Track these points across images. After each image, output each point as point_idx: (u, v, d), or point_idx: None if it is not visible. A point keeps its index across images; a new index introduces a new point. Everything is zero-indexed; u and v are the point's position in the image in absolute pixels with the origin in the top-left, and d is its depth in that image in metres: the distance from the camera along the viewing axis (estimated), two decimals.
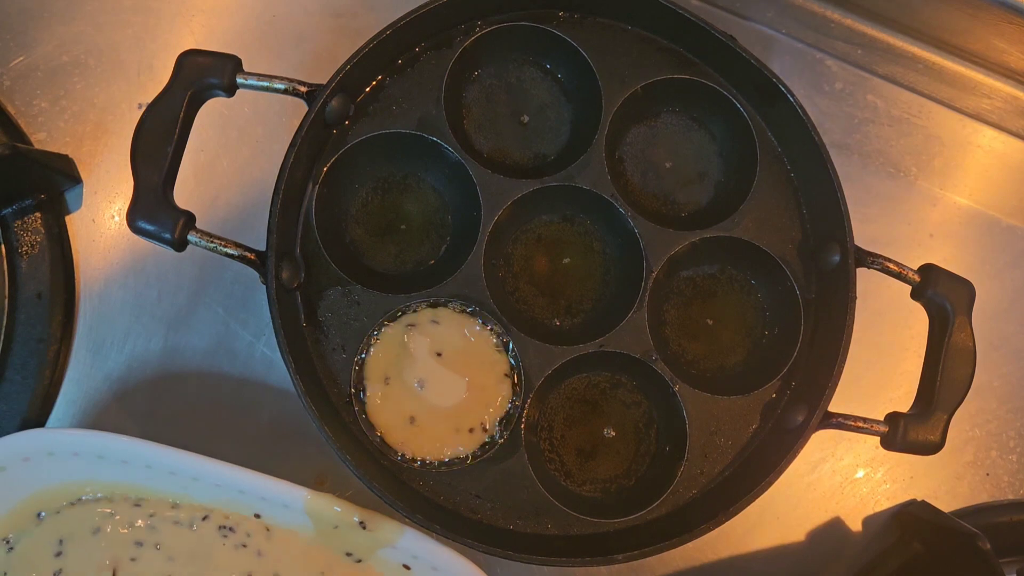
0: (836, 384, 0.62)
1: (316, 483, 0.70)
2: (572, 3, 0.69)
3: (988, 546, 0.64)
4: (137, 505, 0.66)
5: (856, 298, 0.64)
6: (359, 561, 0.65)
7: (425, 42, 0.68)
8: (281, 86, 0.62)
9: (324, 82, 0.63)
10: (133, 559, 0.66)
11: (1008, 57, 0.77)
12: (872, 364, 0.74)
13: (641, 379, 0.67)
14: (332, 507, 0.63)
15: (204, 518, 0.66)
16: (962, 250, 0.78)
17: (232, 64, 0.62)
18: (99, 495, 0.66)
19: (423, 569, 0.64)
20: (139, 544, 0.66)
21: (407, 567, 0.64)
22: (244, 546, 0.66)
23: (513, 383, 0.64)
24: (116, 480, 0.65)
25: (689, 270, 0.69)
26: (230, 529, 0.66)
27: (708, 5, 0.79)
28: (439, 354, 0.64)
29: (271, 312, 0.61)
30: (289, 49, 0.76)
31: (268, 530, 0.66)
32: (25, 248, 0.71)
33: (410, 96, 0.67)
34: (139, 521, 0.66)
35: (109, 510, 0.66)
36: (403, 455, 0.63)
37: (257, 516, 0.65)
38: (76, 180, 0.73)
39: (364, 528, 0.63)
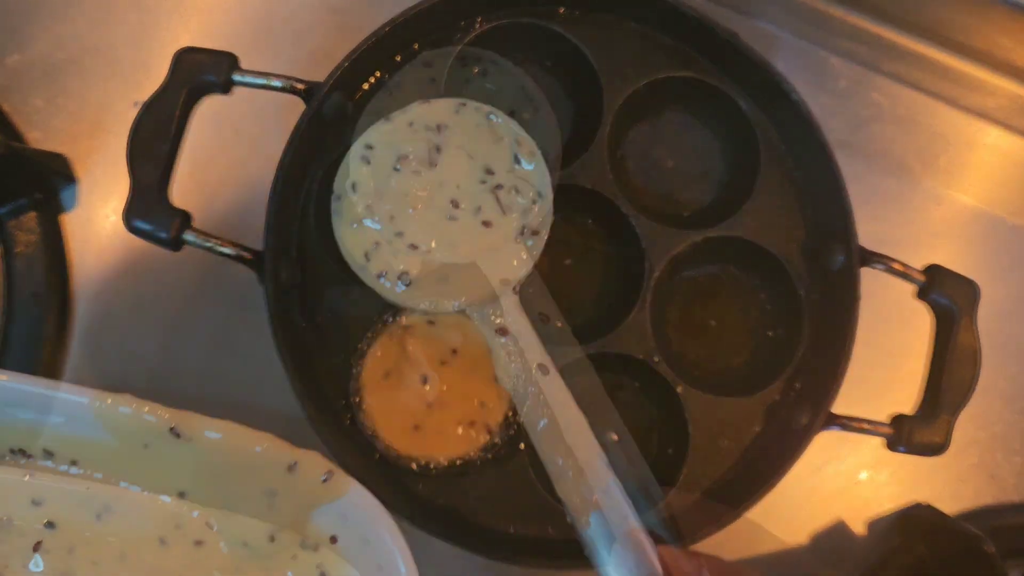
0: (840, 385, 0.62)
1: None
2: (573, 0, 0.68)
3: (993, 549, 0.64)
4: None
5: (860, 298, 0.63)
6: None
7: (424, 39, 0.67)
8: (278, 84, 0.62)
9: (322, 80, 0.62)
10: None
11: (1014, 55, 0.77)
12: (876, 365, 0.74)
13: (643, 380, 0.66)
14: (121, 410, 0.49)
15: None
16: (967, 250, 0.78)
17: (229, 62, 0.61)
18: None
19: (351, 540, 0.53)
20: None
21: (334, 539, 0.54)
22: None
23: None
24: None
25: (691, 270, 0.68)
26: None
27: (711, 2, 0.79)
28: (439, 356, 0.64)
29: (268, 312, 0.60)
30: (286, 46, 0.76)
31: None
32: (20, 248, 0.70)
33: (408, 94, 0.67)
34: None
35: None
36: (403, 457, 0.63)
37: (48, 452, 0.53)
38: (71, 179, 0.73)
39: (178, 436, 0.51)
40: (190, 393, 0.71)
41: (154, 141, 0.60)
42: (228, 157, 0.74)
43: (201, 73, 0.61)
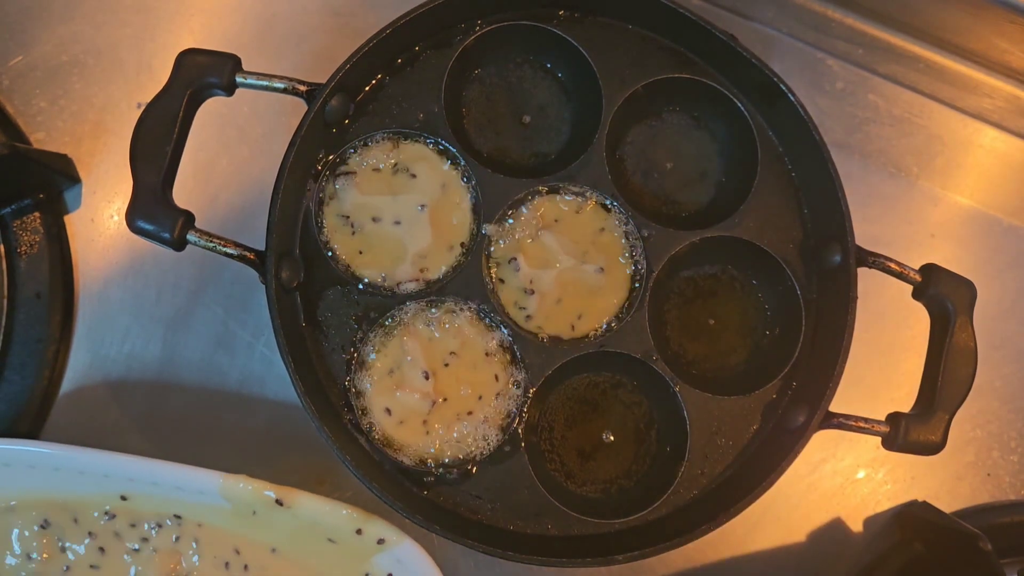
0: (837, 384, 0.62)
1: (316, 483, 0.70)
2: (572, 2, 0.69)
3: (989, 547, 0.64)
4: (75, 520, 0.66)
5: (857, 298, 0.63)
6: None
7: (425, 41, 0.68)
8: (280, 85, 0.62)
9: (324, 81, 0.63)
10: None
11: (1010, 56, 0.77)
12: (873, 364, 0.74)
13: (642, 379, 0.67)
14: (241, 486, 0.62)
15: (132, 525, 0.66)
16: (963, 250, 0.78)
17: (231, 63, 0.61)
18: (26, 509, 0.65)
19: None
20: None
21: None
22: (176, 545, 0.66)
23: (512, 379, 0.64)
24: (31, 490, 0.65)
25: (690, 270, 0.69)
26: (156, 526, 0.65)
27: (709, 4, 0.79)
28: (440, 357, 0.64)
29: (270, 312, 0.60)
30: (288, 48, 0.76)
31: (200, 526, 0.65)
32: (24, 248, 0.70)
33: (410, 95, 0.67)
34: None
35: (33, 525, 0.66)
36: (403, 455, 0.63)
37: (177, 517, 0.65)
38: (75, 180, 0.73)
39: (280, 505, 0.62)
40: (192, 392, 0.71)
41: (157, 142, 0.60)
42: (231, 158, 0.74)
43: (204, 75, 0.61)
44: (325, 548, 0.64)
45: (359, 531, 0.63)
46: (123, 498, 0.65)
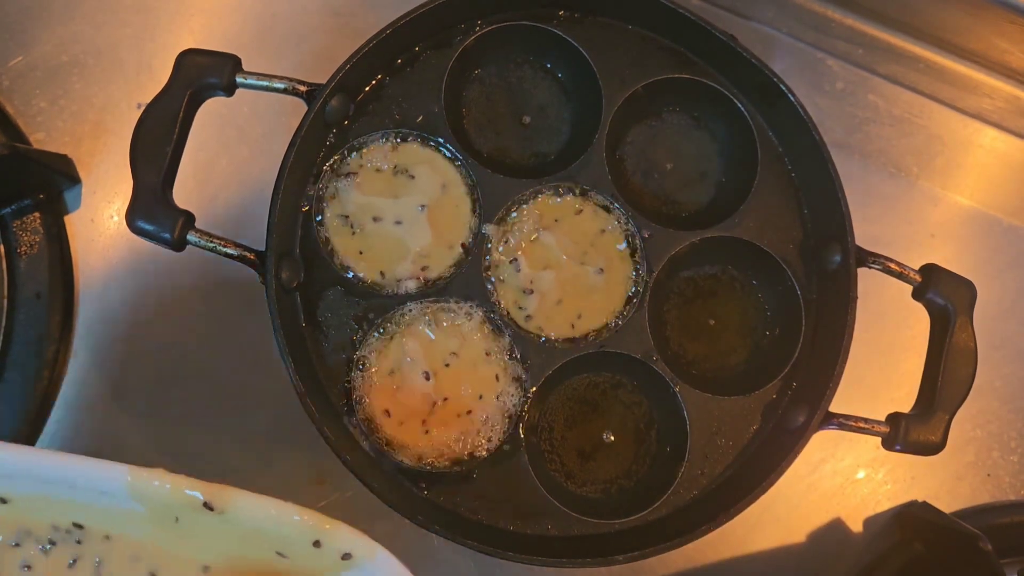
0: (837, 384, 0.62)
1: (315, 483, 0.70)
2: (572, 2, 0.69)
3: (989, 547, 0.64)
4: None
5: (857, 298, 0.63)
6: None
7: (425, 41, 0.68)
8: (280, 85, 0.62)
9: (324, 81, 0.63)
10: None
11: (1009, 57, 0.77)
12: (873, 364, 0.74)
13: (642, 379, 0.67)
14: (155, 483, 0.46)
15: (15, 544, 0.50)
16: (963, 250, 0.78)
17: (231, 63, 0.61)
18: None
19: None
20: None
21: None
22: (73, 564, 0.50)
23: (515, 378, 0.64)
24: None
25: (690, 270, 0.69)
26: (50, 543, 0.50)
27: (709, 4, 0.79)
28: (440, 358, 0.64)
29: (270, 312, 0.60)
30: (288, 48, 0.76)
31: (107, 539, 0.50)
32: (24, 248, 0.70)
33: (410, 96, 0.67)
34: None
35: None
36: (404, 455, 0.63)
37: (78, 527, 0.50)
38: (75, 180, 0.73)
39: (211, 510, 0.47)
40: (192, 393, 0.71)
41: (157, 142, 0.60)
42: (231, 158, 0.74)
43: (204, 75, 0.61)
44: (273, 565, 0.50)
45: (317, 543, 0.48)
46: (2, 500, 0.50)
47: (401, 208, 0.65)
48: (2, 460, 0.48)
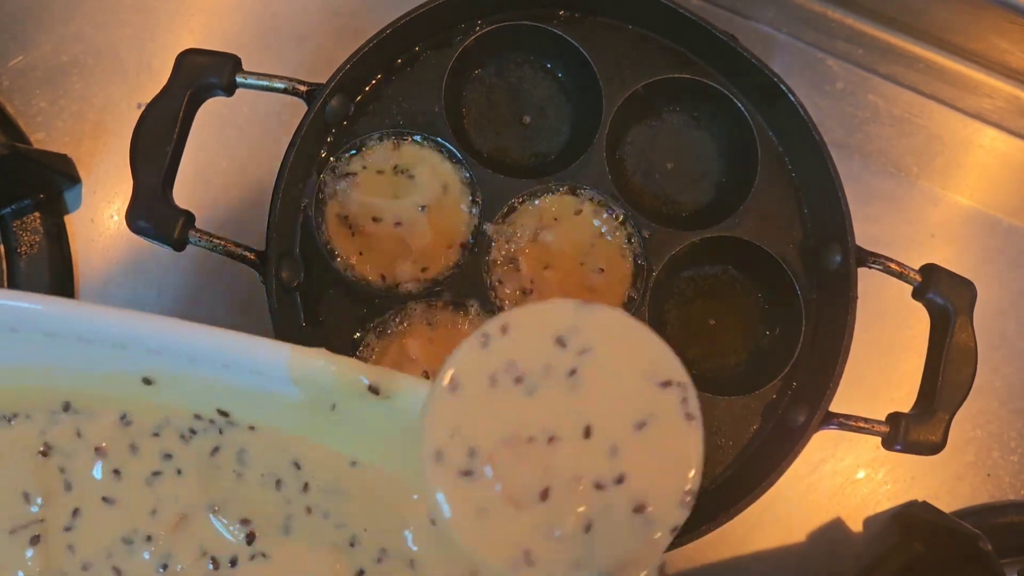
0: (837, 384, 0.62)
1: None
2: (572, 2, 0.69)
3: (989, 547, 0.64)
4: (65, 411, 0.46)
5: (857, 298, 0.63)
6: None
7: (425, 41, 0.68)
8: (281, 85, 0.62)
9: (324, 81, 0.63)
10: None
11: (1009, 57, 0.77)
12: (873, 364, 0.74)
13: None
14: (320, 363, 0.42)
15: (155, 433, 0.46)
16: (963, 250, 0.78)
17: (231, 63, 0.61)
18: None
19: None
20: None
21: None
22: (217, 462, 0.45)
23: None
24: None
25: (690, 270, 0.69)
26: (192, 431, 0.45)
27: (709, 4, 0.79)
28: (440, 358, 0.64)
29: (271, 313, 0.60)
30: (289, 48, 0.76)
31: (252, 430, 0.46)
32: (24, 248, 0.70)
33: (410, 96, 0.67)
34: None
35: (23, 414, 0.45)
36: None
37: (223, 414, 0.46)
38: (75, 180, 0.73)
39: (376, 394, 0.43)
40: None
41: (157, 142, 0.60)
42: (231, 158, 0.74)
43: (204, 75, 0.61)
44: None
45: None
46: (146, 381, 0.46)
47: (401, 208, 0.65)
48: (152, 333, 0.44)
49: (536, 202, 0.66)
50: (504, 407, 0.41)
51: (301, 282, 0.65)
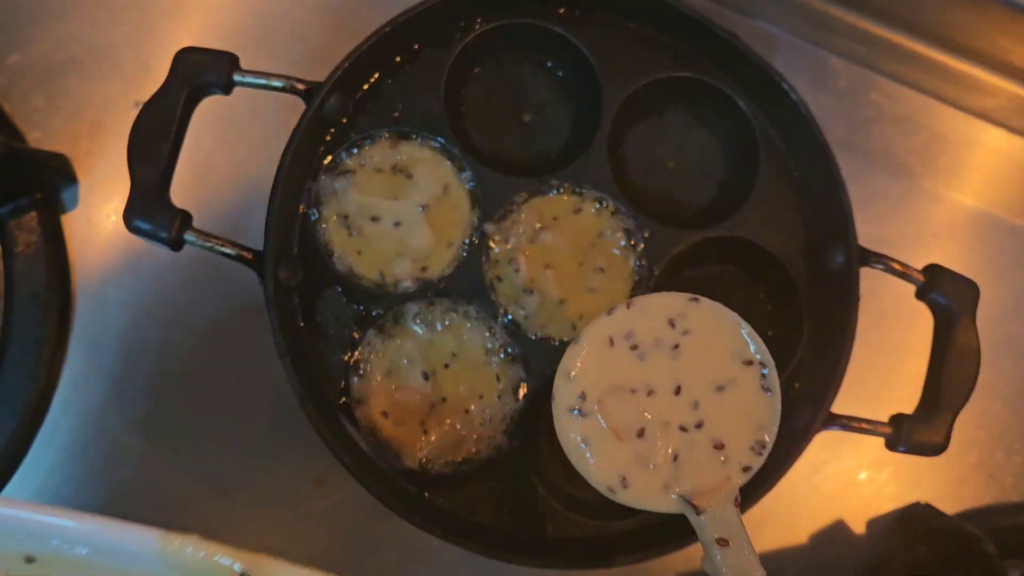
0: (839, 385, 0.62)
1: (314, 485, 0.70)
2: (573, 0, 0.68)
3: (993, 549, 0.64)
4: None
5: (860, 298, 0.63)
6: None
7: (424, 39, 0.67)
8: (279, 84, 0.62)
9: (322, 80, 0.62)
10: None
11: (1013, 56, 0.77)
12: (876, 365, 0.74)
13: None
14: (189, 551, 0.43)
15: None
16: (967, 250, 0.78)
17: (229, 62, 0.61)
18: None
19: None
20: None
21: None
22: None
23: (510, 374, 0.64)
24: None
25: (692, 270, 0.68)
26: None
27: (710, 2, 0.79)
28: (440, 359, 0.64)
29: (268, 312, 0.60)
30: (287, 47, 0.76)
31: None
32: (20, 248, 0.70)
33: (409, 94, 0.67)
34: None
35: None
36: (402, 456, 0.63)
37: None
38: (72, 179, 0.73)
39: None
40: (190, 393, 0.71)
41: (154, 141, 0.60)
42: (228, 157, 0.74)
43: (201, 73, 0.61)
44: None
45: None
46: (28, 560, 0.47)
47: (400, 207, 0.65)
48: (27, 519, 0.46)
49: (536, 201, 0.66)
50: (617, 364, 0.54)
51: (299, 282, 0.64)
